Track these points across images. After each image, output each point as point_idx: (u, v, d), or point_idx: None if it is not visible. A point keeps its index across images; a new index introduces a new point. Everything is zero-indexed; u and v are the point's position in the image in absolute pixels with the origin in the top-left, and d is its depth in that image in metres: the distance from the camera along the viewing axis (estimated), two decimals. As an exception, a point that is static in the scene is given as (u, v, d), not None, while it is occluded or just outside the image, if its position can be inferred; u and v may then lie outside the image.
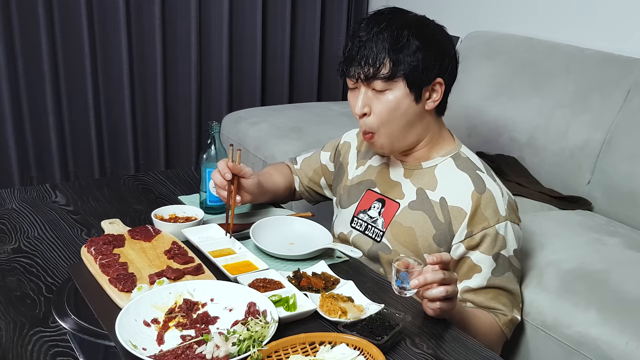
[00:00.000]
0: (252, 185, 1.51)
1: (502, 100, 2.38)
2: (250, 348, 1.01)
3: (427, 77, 1.36)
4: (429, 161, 1.45)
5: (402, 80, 1.34)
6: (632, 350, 1.37)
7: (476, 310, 1.38)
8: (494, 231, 1.36)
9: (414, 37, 1.34)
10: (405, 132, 1.40)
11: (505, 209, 1.38)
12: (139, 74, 3.06)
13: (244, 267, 1.31)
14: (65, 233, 1.48)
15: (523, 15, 2.68)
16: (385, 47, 1.33)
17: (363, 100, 1.38)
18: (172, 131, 3.24)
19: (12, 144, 2.81)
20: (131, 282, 1.20)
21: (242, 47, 3.27)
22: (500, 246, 1.37)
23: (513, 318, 1.43)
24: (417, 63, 1.33)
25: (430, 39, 1.36)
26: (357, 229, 1.51)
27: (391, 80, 1.34)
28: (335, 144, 1.71)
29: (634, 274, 1.59)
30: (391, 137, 1.40)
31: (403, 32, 1.33)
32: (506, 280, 1.40)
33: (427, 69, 1.34)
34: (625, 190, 1.98)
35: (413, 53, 1.33)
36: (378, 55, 1.33)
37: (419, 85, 1.36)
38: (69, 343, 1.07)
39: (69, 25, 2.82)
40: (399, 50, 1.33)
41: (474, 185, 1.38)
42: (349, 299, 1.21)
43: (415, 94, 1.36)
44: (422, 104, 1.38)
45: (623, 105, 2.07)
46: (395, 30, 1.33)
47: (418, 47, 1.33)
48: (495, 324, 1.39)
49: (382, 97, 1.36)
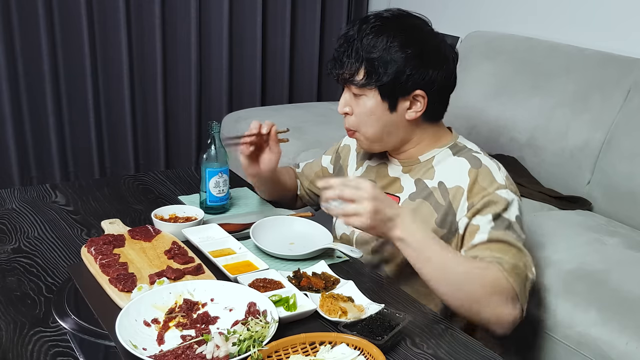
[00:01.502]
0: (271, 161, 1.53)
1: (502, 100, 2.38)
2: (251, 348, 1.01)
3: (402, 90, 1.35)
4: (426, 154, 1.45)
5: (374, 89, 1.36)
6: (632, 350, 1.37)
7: (467, 257, 1.32)
8: (493, 196, 1.34)
9: (393, 49, 1.33)
10: (382, 135, 1.41)
11: (504, 179, 1.38)
12: (139, 74, 3.06)
13: (244, 267, 1.31)
14: (65, 233, 1.48)
15: (523, 15, 2.68)
16: (361, 56, 1.34)
17: (345, 100, 1.42)
18: (172, 131, 3.24)
19: (12, 144, 2.81)
20: (131, 282, 1.20)
21: (242, 47, 3.27)
22: (501, 208, 1.33)
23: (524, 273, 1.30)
24: (391, 76, 1.33)
25: (412, 51, 1.33)
26: None
27: (365, 87, 1.36)
28: (335, 147, 1.72)
29: (634, 274, 1.59)
30: (369, 138, 1.43)
31: (383, 42, 1.33)
32: (511, 237, 1.32)
33: (402, 81, 1.34)
34: (625, 190, 1.98)
35: (388, 63, 1.33)
36: (354, 63, 1.35)
37: (393, 96, 1.36)
38: (69, 343, 1.07)
39: (69, 25, 2.82)
40: (373, 61, 1.34)
41: (470, 163, 1.39)
42: (349, 299, 1.21)
43: (389, 103, 1.37)
44: (401, 113, 1.38)
45: (623, 105, 2.07)
46: (376, 39, 1.34)
47: (393, 59, 1.33)
48: (498, 272, 1.26)
49: (359, 101, 1.39)
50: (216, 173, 1.57)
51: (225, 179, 1.59)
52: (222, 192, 1.59)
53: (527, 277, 1.31)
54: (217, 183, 1.58)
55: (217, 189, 1.58)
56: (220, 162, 1.58)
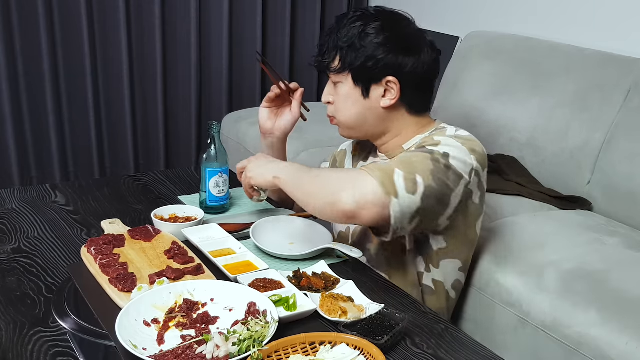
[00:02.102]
0: (288, 121, 1.61)
1: (502, 100, 2.38)
2: (251, 348, 1.01)
3: (373, 75, 1.40)
4: (409, 141, 1.47)
5: (348, 74, 1.42)
6: (632, 350, 1.37)
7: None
8: (432, 138, 1.38)
9: (365, 35, 1.39)
10: (358, 123, 1.46)
11: (463, 132, 1.40)
12: (139, 74, 3.06)
13: (244, 267, 1.31)
14: (65, 233, 1.48)
15: (523, 15, 2.68)
16: (337, 44, 1.42)
17: (327, 89, 1.50)
18: (172, 131, 3.24)
19: (12, 144, 2.81)
20: (131, 282, 1.20)
21: (242, 47, 3.27)
22: (430, 144, 1.36)
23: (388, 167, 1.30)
24: (362, 59, 1.39)
25: (383, 38, 1.39)
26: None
27: (340, 73, 1.43)
28: (334, 153, 1.75)
29: (634, 274, 1.59)
30: (344, 124, 1.49)
31: (355, 29, 1.40)
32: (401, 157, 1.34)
33: (372, 66, 1.39)
34: (625, 190, 1.98)
35: (359, 49, 1.39)
36: (331, 51, 1.43)
37: (365, 81, 1.41)
38: (69, 343, 1.07)
39: (69, 25, 2.82)
40: (347, 47, 1.40)
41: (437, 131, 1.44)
42: (349, 299, 1.21)
43: (362, 88, 1.42)
44: (375, 100, 1.42)
45: (623, 105, 2.07)
46: (349, 27, 1.40)
47: (364, 45, 1.39)
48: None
49: (337, 88, 1.46)
50: (216, 173, 1.57)
51: (225, 179, 1.59)
52: (222, 192, 1.60)
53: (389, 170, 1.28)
54: (217, 183, 1.58)
55: (217, 189, 1.58)
56: (220, 162, 1.58)
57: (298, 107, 1.60)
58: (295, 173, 1.36)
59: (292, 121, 1.61)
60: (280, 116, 1.61)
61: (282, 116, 1.61)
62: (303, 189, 1.34)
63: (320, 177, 1.35)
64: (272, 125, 1.62)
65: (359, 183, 1.27)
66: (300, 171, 1.37)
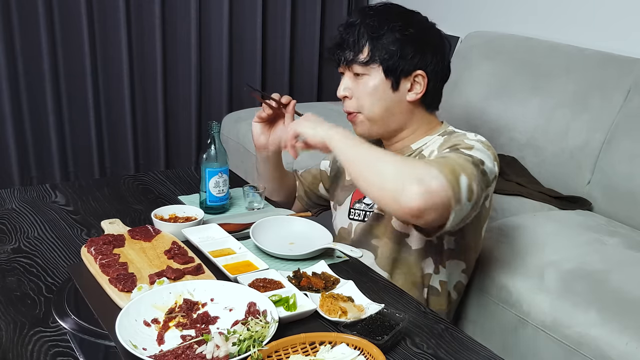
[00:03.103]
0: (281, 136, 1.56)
1: (502, 100, 2.38)
2: (251, 348, 1.01)
3: (405, 67, 1.40)
4: (418, 142, 1.48)
5: (378, 66, 1.40)
6: (632, 350, 1.37)
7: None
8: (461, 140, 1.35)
9: (395, 27, 1.40)
10: (384, 117, 1.45)
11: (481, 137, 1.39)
12: (139, 74, 3.06)
13: (244, 267, 1.31)
14: (65, 233, 1.48)
15: (523, 15, 2.68)
16: (366, 33, 1.40)
17: (344, 83, 1.47)
18: (172, 131, 3.24)
19: (12, 144, 2.81)
20: (131, 282, 1.20)
21: (242, 48, 3.27)
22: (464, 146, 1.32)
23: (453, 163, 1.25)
24: (395, 51, 1.39)
25: (413, 32, 1.40)
26: (356, 219, 1.52)
27: (369, 65, 1.41)
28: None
29: (634, 274, 1.59)
30: (371, 118, 1.46)
31: (385, 21, 1.40)
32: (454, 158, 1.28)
33: (405, 59, 1.40)
34: (625, 190, 1.98)
35: (392, 42, 1.39)
36: (359, 41, 1.41)
37: (396, 74, 1.41)
38: (69, 343, 1.07)
39: (69, 25, 2.82)
40: (377, 38, 1.40)
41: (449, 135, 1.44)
42: (349, 298, 1.21)
43: (392, 81, 1.41)
44: (402, 93, 1.43)
45: (623, 105, 2.07)
46: (378, 20, 1.40)
47: (397, 38, 1.39)
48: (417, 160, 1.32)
49: (361, 81, 1.44)
50: (216, 173, 1.57)
51: (225, 179, 1.59)
52: (222, 192, 1.59)
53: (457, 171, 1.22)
54: (217, 183, 1.58)
55: (217, 189, 1.58)
56: (220, 162, 1.58)
57: (291, 119, 1.57)
58: (353, 143, 1.28)
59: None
60: (274, 130, 1.60)
61: (275, 130, 1.59)
62: (360, 166, 1.25)
63: (383, 160, 1.23)
64: (265, 140, 1.60)
65: (430, 180, 1.16)
66: (360, 145, 1.27)
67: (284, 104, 1.56)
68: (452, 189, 1.18)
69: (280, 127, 1.58)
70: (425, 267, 1.47)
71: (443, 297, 1.50)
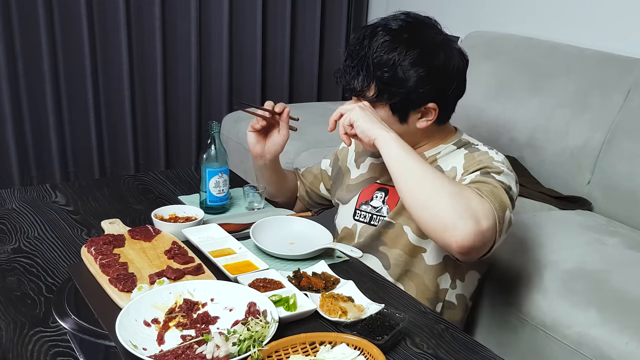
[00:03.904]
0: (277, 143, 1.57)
1: (502, 100, 2.38)
2: (251, 348, 1.01)
3: (414, 105, 1.36)
4: (432, 150, 1.46)
5: (386, 104, 1.36)
6: (632, 350, 1.37)
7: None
8: (488, 162, 1.34)
9: (405, 67, 1.32)
10: None
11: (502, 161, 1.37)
12: (139, 74, 3.06)
13: (244, 267, 1.31)
14: (65, 233, 1.48)
15: (523, 15, 2.68)
16: (372, 72, 1.33)
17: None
18: (172, 131, 3.25)
19: (12, 144, 2.81)
20: (131, 282, 1.20)
21: (242, 48, 3.27)
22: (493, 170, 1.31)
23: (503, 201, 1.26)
24: (403, 95, 1.33)
25: (426, 70, 1.32)
26: (362, 220, 1.52)
27: (375, 102, 1.37)
28: (335, 151, 1.73)
29: (634, 274, 1.59)
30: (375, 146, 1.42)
31: (394, 59, 1.32)
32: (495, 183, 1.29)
33: (413, 99, 1.34)
34: (625, 190, 1.98)
35: (400, 82, 1.32)
36: (365, 79, 1.35)
37: (404, 111, 1.37)
38: (69, 343, 1.07)
39: (69, 25, 2.82)
40: (385, 79, 1.33)
41: (466, 149, 1.41)
42: (349, 298, 1.21)
43: (400, 117, 1.38)
44: (412, 123, 1.39)
45: (623, 105, 2.07)
46: (387, 56, 1.32)
47: (406, 79, 1.32)
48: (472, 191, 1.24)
49: None
50: (216, 173, 1.57)
51: (225, 179, 1.59)
52: (222, 192, 1.59)
53: (505, 205, 1.25)
54: (217, 183, 1.58)
55: (217, 189, 1.58)
56: (220, 162, 1.58)
57: (286, 128, 1.57)
58: (405, 155, 1.26)
59: (281, 143, 1.58)
60: (270, 138, 1.59)
61: (271, 138, 1.59)
62: (410, 183, 1.25)
63: (437, 184, 1.23)
64: (261, 149, 1.60)
65: (484, 219, 1.19)
66: (411, 158, 1.25)
67: (278, 113, 1.55)
68: (499, 226, 1.22)
69: (275, 135, 1.58)
70: (442, 282, 1.45)
71: (459, 310, 1.49)
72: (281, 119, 1.56)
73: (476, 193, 1.24)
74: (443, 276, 1.45)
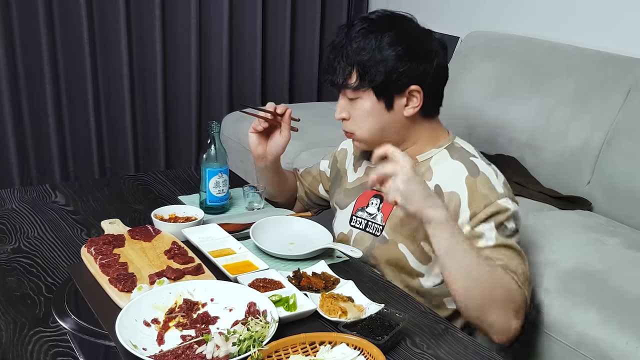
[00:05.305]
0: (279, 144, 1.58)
1: (502, 100, 2.38)
2: (251, 348, 1.01)
3: (397, 86, 1.37)
4: (424, 154, 1.45)
5: (369, 89, 1.37)
6: (632, 350, 1.37)
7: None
8: (496, 205, 1.33)
9: (383, 46, 1.34)
10: (381, 135, 1.42)
11: (502, 186, 1.37)
12: (139, 74, 3.06)
13: (244, 267, 1.31)
14: (65, 233, 1.48)
15: (523, 15, 2.68)
16: (352, 59, 1.36)
17: (341, 105, 1.44)
18: (172, 131, 3.24)
19: (12, 144, 2.81)
20: (131, 282, 1.20)
21: (242, 47, 3.27)
22: (505, 217, 1.33)
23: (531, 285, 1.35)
24: (383, 75, 1.35)
25: (403, 47, 1.35)
26: (358, 227, 1.51)
27: (359, 89, 1.37)
28: (333, 152, 1.73)
29: (634, 274, 1.59)
30: (368, 139, 1.44)
31: (371, 42, 1.35)
32: (515, 244, 1.34)
33: (395, 78, 1.35)
34: (625, 190, 1.98)
35: (380, 63, 1.34)
36: (346, 68, 1.37)
37: (388, 94, 1.37)
38: (69, 343, 1.07)
39: (69, 25, 2.82)
40: (364, 62, 1.35)
41: (467, 170, 1.39)
42: (349, 298, 1.21)
43: (385, 102, 1.38)
44: (398, 110, 1.39)
45: (623, 105, 2.07)
46: (364, 41, 1.35)
47: (385, 58, 1.34)
48: (512, 281, 1.28)
49: (355, 104, 1.41)
50: (216, 173, 1.57)
51: (225, 179, 1.59)
52: (222, 192, 1.60)
53: (529, 277, 1.33)
54: (217, 183, 1.58)
55: (217, 189, 1.58)
56: (220, 162, 1.58)
57: (288, 129, 1.58)
58: (453, 239, 1.23)
59: (283, 144, 1.59)
60: (271, 139, 1.60)
61: (272, 139, 1.60)
62: (458, 269, 1.25)
63: (483, 278, 1.25)
64: (263, 150, 1.61)
65: (523, 311, 1.30)
66: (458, 243, 1.24)
67: (280, 114, 1.56)
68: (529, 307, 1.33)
69: (277, 136, 1.59)
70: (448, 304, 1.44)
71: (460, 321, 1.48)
72: (283, 120, 1.57)
73: (514, 282, 1.28)
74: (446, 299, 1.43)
